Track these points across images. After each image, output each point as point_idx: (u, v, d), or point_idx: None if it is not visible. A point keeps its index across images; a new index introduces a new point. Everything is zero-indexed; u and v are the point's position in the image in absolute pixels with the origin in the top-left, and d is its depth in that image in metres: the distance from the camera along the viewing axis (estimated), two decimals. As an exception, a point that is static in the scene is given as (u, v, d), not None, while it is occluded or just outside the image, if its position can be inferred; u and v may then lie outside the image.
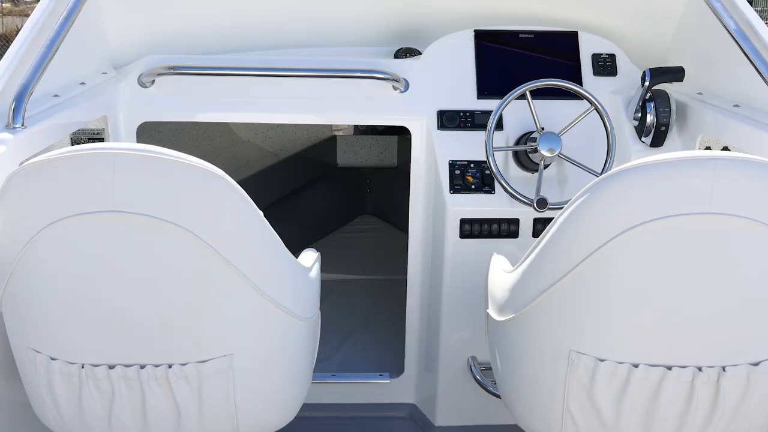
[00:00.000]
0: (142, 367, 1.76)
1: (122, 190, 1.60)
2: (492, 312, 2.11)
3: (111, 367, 1.76)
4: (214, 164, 4.36)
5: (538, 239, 1.84)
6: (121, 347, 1.74)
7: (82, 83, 2.80)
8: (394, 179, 5.26)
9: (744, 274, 1.65)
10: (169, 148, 1.65)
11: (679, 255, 1.63)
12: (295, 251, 4.74)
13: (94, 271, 1.65)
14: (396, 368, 3.35)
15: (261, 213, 1.76)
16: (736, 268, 1.64)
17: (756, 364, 1.75)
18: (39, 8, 2.59)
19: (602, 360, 1.76)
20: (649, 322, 1.70)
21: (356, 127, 5.48)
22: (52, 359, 1.77)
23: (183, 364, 1.77)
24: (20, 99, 2.19)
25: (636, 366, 1.75)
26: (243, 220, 1.71)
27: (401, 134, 5.26)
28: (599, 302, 1.72)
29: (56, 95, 2.57)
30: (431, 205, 3.00)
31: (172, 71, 2.87)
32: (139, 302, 1.69)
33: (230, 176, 1.68)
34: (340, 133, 5.34)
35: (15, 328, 1.80)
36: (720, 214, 1.60)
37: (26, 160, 2.22)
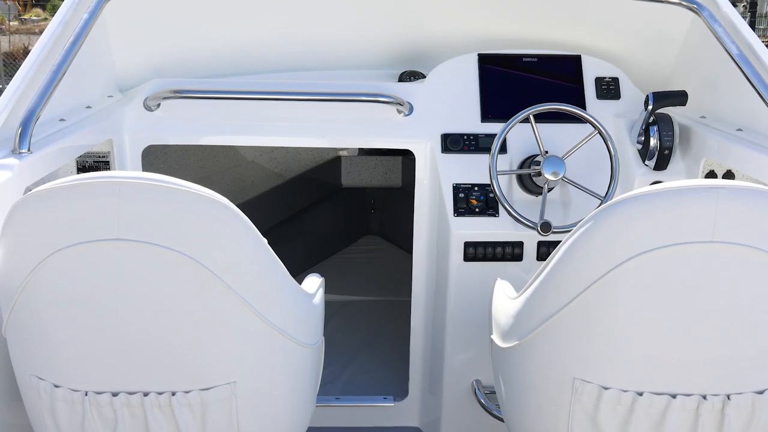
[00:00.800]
0: (146, 394, 1.76)
1: (127, 219, 1.60)
2: (496, 338, 2.11)
3: (114, 394, 1.76)
4: (219, 185, 4.37)
5: (541, 267, 1.85)
6: (124, 374, 1.74)
7: (88, 107, 2.81)
8: (398, 200, 5.27)
9: (748, 302, 1.64)
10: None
11: (682, 283, 1.63)
12: (300, 271, 4.75)
13: (98, 299, 1.66)
14: (400, 391, 3.34)
15: (265, 240, 1.77)
16: (740, 297, 1.64)
17: (761, 393, 1.75)
18: (47, 33, 2.61)
19: (606, 388, 1.76)
20: (653, 350, 1.70)
21: (360, 147, 5.49)
22: (56, 386, 1.77)
23: (186, 392, 1.76)
24: (26, 124, 2.20)
25: (640, 394, 1.75)
26: (247, 248, 1.71)
27: (406, 154, 5.27)
28: (603, 330, 1.71)
29: (62, 119, 2.58)
30: (435, 228, 3.00)
31: (177, 95, 2.89)
32: (143, 330, 1.69)
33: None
34: (345, 154, 5.35)
35: (19, 354, 1.80)
36: (723, 242, 1.60)
37: (32, 185, 2.23)
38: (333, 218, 5.25)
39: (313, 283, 2.24)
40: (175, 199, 1.62)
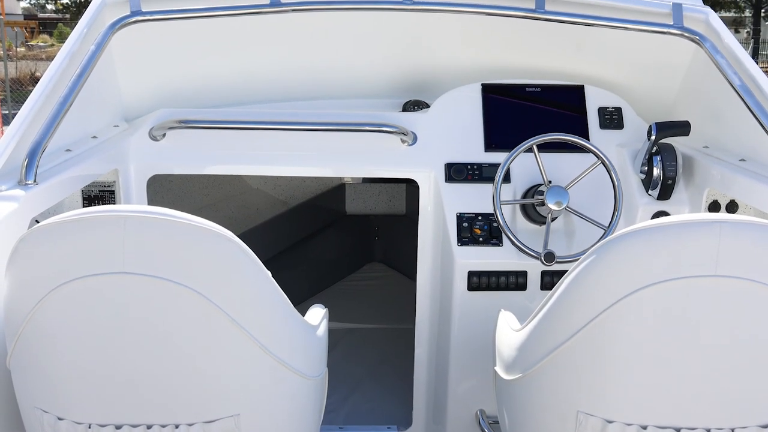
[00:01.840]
0: (149, 427, 1.76)
1: (132, 252, 1.61)
2: (500, 370, 2.11)
3: (118, 427, 1.76)
4: (223, 212, 4.38)
5: (544, 299, 1.85)
6: (128, 407, 1.74)
7: (94, 137, 2.83)
8: (402, 227, 5.28)
9: (751, 336, 1.64)
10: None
11: (686, 317, 1.63)
12: (304, 298, 4.75)
13: (102, 332, 1.66)
14: (404, 420, 3.33)
15: (269, 273, 1.77)
16: (744, 330, 1.64)
17: (766, 427, 1.74)
18: (54, 65, 2.63)
19: (610, 421, 1.76)
20: (657, 383, 1.69)
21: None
22: (59, 419, 1.77)
23: (190, 425, 1.76)
24: (33, 156, 2.22)
25: (645, 428, 1.74)
26: (251, 281, 1.72)
27: (410, 182, 5.29)
28: (607, 363, 1.71)
29: (68, 149, 2.60)
30: (439, 257, 3.01)
31: (182, 125, 2.91)
32: (147, 362, 1.69)
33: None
34: (349, 181, 5.36)
35: (23, 386, 1.80)
36: (726, 276, 1.60)
37: (38, 215, 2.25)
38: (337, 245, 5.25)
39: (317, 314, 2.25)
40: (180, 232, 1.63)
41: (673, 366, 1.67)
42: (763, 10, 27.82)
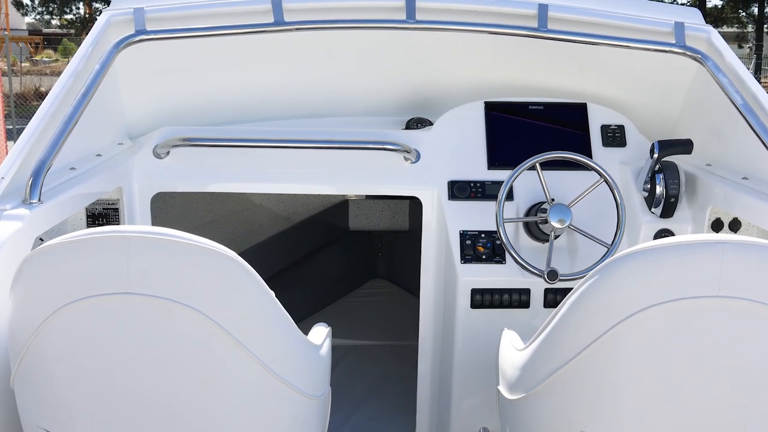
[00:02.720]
0: None
1: (136, 273, 1.62)
2: (503, 389, 2.11)
3: None
4: (227, 229, 4.37)
5: (547, 320, 1.85)
6: (132, 427, 1.75)
7: (99, 155, 2.84)
8: (405, 243, 5.28)
9: (754, 356, 1.64)
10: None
11: (688, 338, 1.64)
12: (307, 315, 4.74)
13: (107, 352, 1.67)
14: None
15: (272, 293, 1.78)
16: (746, 351, 1.64)
17: None
18: (59, 84, 2.64)
19: None
20: (659, 403, 1.69)
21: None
22: None
23: None
24: (37, 175, 2.23)
25: None
26: (255, 301, 1.72)
27: (413, 198, 5.29)
28: (610, 384, 1.71)
29: (73, 168, 2.61)
30: (442, 274, 3.01)
31: (186, 143, 2.92)
32: (151, 382, 1.70)
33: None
34: (352, 197, 5.37)
35: (27, 406, 1.80)
36: (729, 297, 1.61)
37: (42, 234, 2.26)
38: (340, 261, 5.26)
39: (320, 333, 2.25)
40: (183, 252, 1.63)
41: (677, 387, 1.67)
42: (765, 26, 27.90)
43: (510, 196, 2.97)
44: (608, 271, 1.68)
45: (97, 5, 28.99)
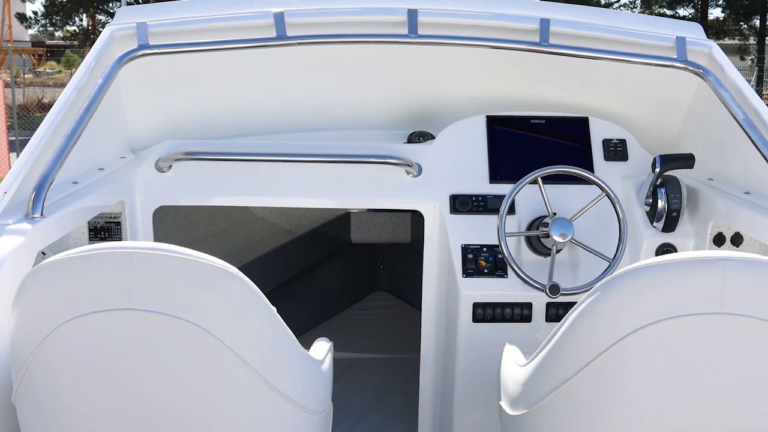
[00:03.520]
0: None
1: (138, 289, 1.62)
2: (505, 405, 2.11)
3: None
4: (228, 241, 4.37)
5: (549, 335, 1.85)
6: None
7: (101, 168, 2.85)
8: (407, 256, 5.27)
9: (755, 373, 1.64)
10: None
11: (690, 354, 1.63)
12: (309, 328, 4.73)
13: (108, 368, 1.67)
14: None
15: (274, 309, 1.78)
16: (748, 368, 1.64)
17: None
18: (62, 98, 2.65)
19: None
20: (662, 420, 1.69)
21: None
22: None
23: None
24: (40, 189, 2.23)
25: None
26: (256, 317, 1.72)
27: (415, 211, 5.29)
28: (611, 400, 1.71)
29: (75, 182, 2.61)
30: (444, 288, 3.01)
31: (189, 157, 2.93)
32: (153, 397, 1.70)
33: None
34: (354, 210, 5.37)
35: (29, 422, 1.80)
36: (730, 314, 1.61)
37: (45, 248, 2.26)
38: (342, 274, 5.25)
39: (322, 348, 2.25)
40: (185, 268, 1.64)
41: (678, 402, 1.67)
42: (767, 38, 27.93)
43: (512, 210, 2.97)
44: (610, 287, 1.68)
45: (100, 17, 29.08)
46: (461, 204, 3.00)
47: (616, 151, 3.15)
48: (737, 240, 2.85)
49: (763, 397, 1.66)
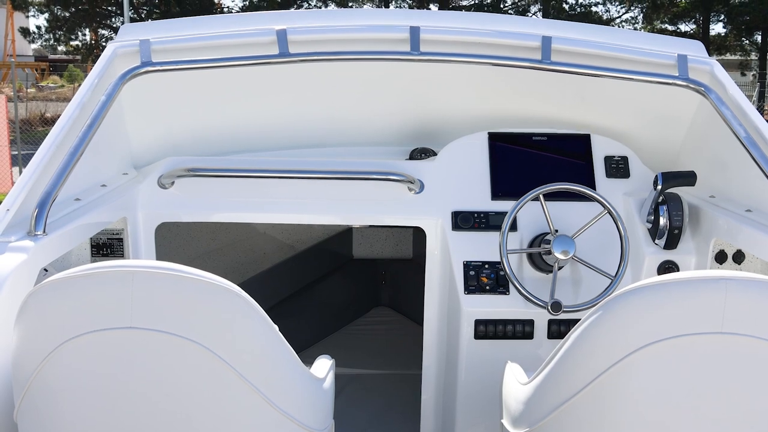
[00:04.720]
0: None
1: (140, 307, 1.62)
2: (506, 423, 2.10)
3: None
4: (230, 257, 4.37)
5: (551, 354, 1.85)
6: None
7: (103, 185, 2.86)
8: (409, 271, 5.27)
9: (756, 392, 1.64)
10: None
11: (692, 373, 1.63)
12: (311, 343, 4.72)
13: (110, 386, 1.67)
14: None
15: (276, 327, 1.78)
16: (749, 387, 1.64)
17: None
18: (65, 115, 2.66)
19: None
20: None
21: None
22: None
23: None
24: (42, 206, 2.24)
25: None
26: (258, 336, 1.72)
27: (417, 227, 5.29)
28: (614, 419, 1.71)
29: (78, 198, 2.62)
30: (446, 304, 3.01)
31: (191, 173, 2.94)
32: (154, 416, 1.69)
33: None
34: (356, 225, 5.37)
35: None
36: (732, 333, 1.61)
37: (47, 265, 2.26)
38: (344, 289, 5.25)
39: (323, 366, 2.24)
40: (187, 287, 1.64)
41: (680, 421, 1.67)
42: (768, 53, 27.98)
43: (514, 227, 2.97)
44: (612, 306, 1.68)
45: (103, 32, 29.20)
46: (463, 221, 3.00)
47: (618, 168, 3.15)
48: (739, 258, 2.84)
49: (765, 417, 1.65)
